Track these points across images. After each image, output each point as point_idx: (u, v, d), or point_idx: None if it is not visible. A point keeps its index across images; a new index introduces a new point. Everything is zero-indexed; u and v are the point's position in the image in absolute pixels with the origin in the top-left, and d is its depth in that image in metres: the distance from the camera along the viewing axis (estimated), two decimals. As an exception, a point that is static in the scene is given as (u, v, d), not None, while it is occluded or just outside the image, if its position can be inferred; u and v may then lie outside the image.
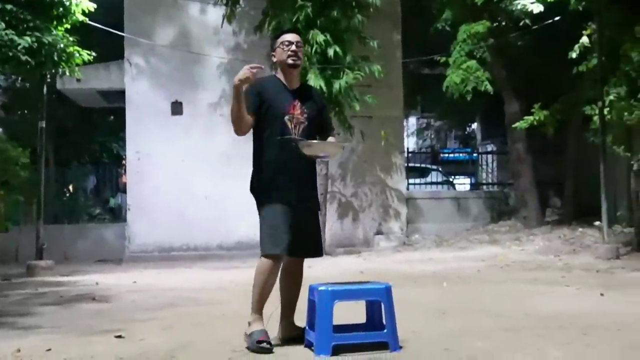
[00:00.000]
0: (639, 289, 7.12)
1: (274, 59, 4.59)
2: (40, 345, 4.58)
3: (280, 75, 4.59)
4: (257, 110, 4.42)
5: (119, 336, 4.86)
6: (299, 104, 4.48)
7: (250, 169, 4.54)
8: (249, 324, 4.39)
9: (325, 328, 4.07)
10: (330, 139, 4.65)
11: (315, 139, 4.48)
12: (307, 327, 4.35)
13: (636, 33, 10.34)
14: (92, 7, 10.71)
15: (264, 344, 4.21)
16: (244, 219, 13.27)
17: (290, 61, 4.48)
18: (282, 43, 4.52)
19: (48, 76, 11.30)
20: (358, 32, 12.44)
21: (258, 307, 4.42)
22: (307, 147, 4.30)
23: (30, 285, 8.86)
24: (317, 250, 4.60)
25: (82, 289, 8.26)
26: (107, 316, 6.02)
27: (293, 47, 4.48)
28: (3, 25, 9.51)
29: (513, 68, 14.12)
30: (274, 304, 4.54)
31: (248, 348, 4.29)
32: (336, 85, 11.81)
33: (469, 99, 12.82)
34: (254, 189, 4.51)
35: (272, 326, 4.51)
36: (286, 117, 4.42)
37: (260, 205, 4.48)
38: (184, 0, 13.91)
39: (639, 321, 5.18)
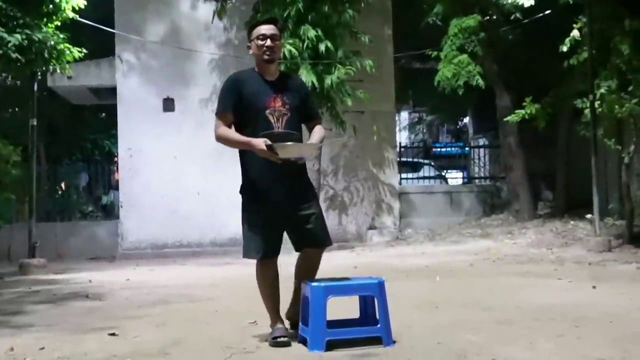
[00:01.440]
0: (630, 282, 7.15)
1: (250, 52, 4.51)
2: (33, 344, 4.58)
3: (257, 68, 4.50)
4: (234, 109, 4.38)
5: (112, 334, 4.86)
6: (280, 95, 4.38)
7: (242, 166, 4.51)
8: (271, 328, 4.42)
9: (318, 324, 4.08)
10: (318, 128, 4.56)
11: (298, 132, 4.42)
12: (300, 323, 4.35)
13: (626, 26, 10.36)
14: (82, 3, 10.66)
15: (280, 339, 4.25)
16: (236, 215, 13.18)
17: (265, 57, 4.39)
18: (257, 37, 4.41)
19: (39, 73, 11.24)
20: (349, 27, 12.43)
21: (269, 310, 4.46)
22: (281, 149, 4.14)
23: (23, 284, 8.85)
24: (322, 239, 4.46)
25: (75, 287, 8.25)
26: (100, 314, 6.02)
27: (268, 42, 4.37)
28: (-7, 22, 9.48)
29: (504, 62, 14.13)
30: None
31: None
32: (328, 80, 11.81)
33: (460, 93, 12.83)
34: (242, 188, 4.46)
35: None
36: (267, 111, 4.32)
37: (243, 206, 4.46)
38: (174, -4, 13.90)
39: (631, 313, 5.21)
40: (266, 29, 4.42)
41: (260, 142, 4.15)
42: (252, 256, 4.38)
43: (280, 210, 4.33)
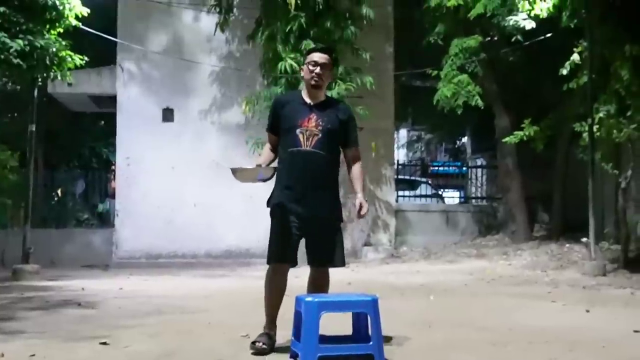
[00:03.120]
0: (624, 306, 7.14)
1: (302, 74, 4.78)
2: (24, 351, 4.56)
3: (304, 91, 4.75)
4: (272, 129, 4.76)
5: (104, 343, 4.84)
6: (315, 116, 4.59)
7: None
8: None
9: (311, 339, 4.07)
10: (358, 172, 4.84)
11: (330, 152, 4.59)
12: (292, 338, 4.35)
13: (626, 51, 10.41)
14: (85, 11, 10.70)
15: (256, 344, 4.42)
16: (233, 227, 13.29)
17: (312, 82, 4.63)
18: (308, 62, 4.67)
19: (39, 80, 11.24)
20: (351, 43, 12.47)
21: (265, 312, 4.64)
22: (239, 173, 4.52)
23: (15, 290, 8.80)
24: (330, 259, 4.63)
25: (68, 294, 8.21)
26: (93, 322, 6.00)
27: (317, 70, 4.61)
28: (-5, 28, 9.50)
29: (504, 83, 14.18)
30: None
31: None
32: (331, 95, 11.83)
33: (459, 112, 12.86)
34: (268, 199, 4.69)
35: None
36: (298, 130, 4.55)
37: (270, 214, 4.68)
38: (177, 7, 13.91)
39: (624, 338, 5.20)
40: (319, 56, 4.69)
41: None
42: (268, 261, 4.64)
43: (297, 221, 4.52)
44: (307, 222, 4.53)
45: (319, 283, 4.65)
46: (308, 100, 4.67)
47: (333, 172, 4.72)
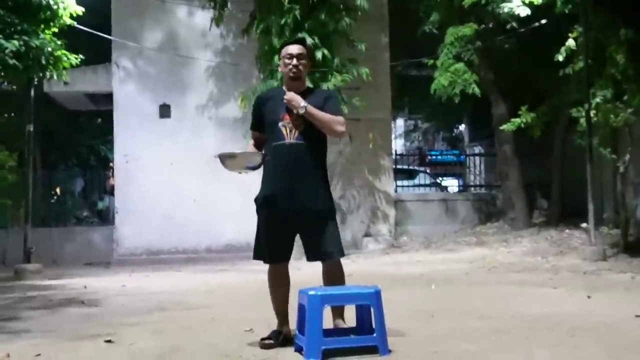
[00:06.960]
0: (625, 291, 7.17)
1: (280, 70, 4.84)
2: (29, 350, 4.57)
3: (285, 85, 4.75)
4: (255, 126, 4.79)
5: (109, 341, 4.85)
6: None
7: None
8: None
9: (314, 332, 4.09)
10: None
11: (314, 142, 4.55)
12: (297, 332, 4.37)
13: (621, 36, 10.42)
14: (80, 10, 10.70)
15: (264, 341, 4.46)
16: (232, 221, 13.30)
17: (291, 74, 4.64)
18: (284, 56, 4.69)
19: (35, 80, 11.24)
20: (346, 35, 12.46)
21: (274, 310, 4.66)
22: (229, 160, 4.49)
23: (18, 289, 8.83)
24: (326, 253, 4.57)
25: (71, 293, 8.24)
26: (96, 320, 6.01)
27: (294, 61, 4.62)
28: (-10, 29, 9.50)
29: (500, 70, 14.18)
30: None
31: None
32: (324, 88, 11.82)
33: (456, 101, 12.86)
34: (256, 196, 4.69)
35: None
36: (280, 124, 4.55)
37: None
38: (171, 3, 13.89)
39: (625, 323, 5.22)
40: (293, 48, 4.70)
41: None
42: (255, 257, 4.68)
43: (287, 217, 4.51)
44: (297, 217, 4.50)
45: (333, 278, 4.63)
46: None
47: (320, 163, 4.66)
